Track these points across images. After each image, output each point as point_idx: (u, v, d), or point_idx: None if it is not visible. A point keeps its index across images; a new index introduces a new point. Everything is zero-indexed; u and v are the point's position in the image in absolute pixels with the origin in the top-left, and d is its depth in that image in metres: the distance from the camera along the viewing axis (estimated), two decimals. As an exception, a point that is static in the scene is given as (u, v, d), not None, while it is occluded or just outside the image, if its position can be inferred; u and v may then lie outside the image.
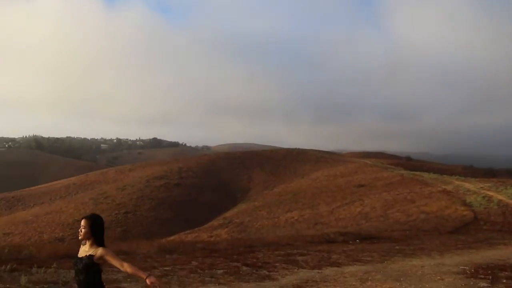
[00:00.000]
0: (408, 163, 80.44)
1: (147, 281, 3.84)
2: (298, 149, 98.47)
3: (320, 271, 10.16)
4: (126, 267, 4.02)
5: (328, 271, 10.13)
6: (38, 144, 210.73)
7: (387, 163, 74.43)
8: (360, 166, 66.49)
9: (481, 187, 34.03)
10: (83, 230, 3.98)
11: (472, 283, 8.58)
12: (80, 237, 4.00)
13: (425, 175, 47.78)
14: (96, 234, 4.02)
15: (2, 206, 64.72)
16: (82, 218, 4.06)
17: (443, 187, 36.23)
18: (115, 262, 4.03)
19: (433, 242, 16.38)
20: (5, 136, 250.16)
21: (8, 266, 8.26)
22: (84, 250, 4.00)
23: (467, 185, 36.21)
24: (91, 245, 4.00)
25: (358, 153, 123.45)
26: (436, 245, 15.26)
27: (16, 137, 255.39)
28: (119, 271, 8.92)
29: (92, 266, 3.95)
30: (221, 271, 9.76)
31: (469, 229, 21.31)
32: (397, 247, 14.64)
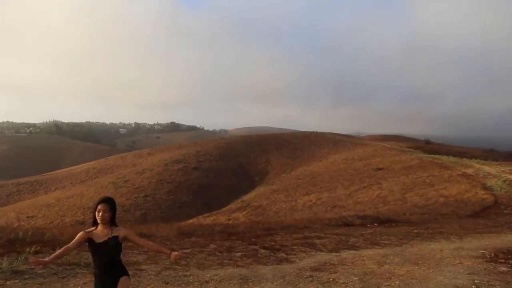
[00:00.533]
0: (427, 146, 79.53)
1: (172, 256, 3.96)
2: (316, 132, 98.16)
3: (337, 254, 10.18)
4: (150, 245, 4.14)
5: (346, 254, 10.15)
6: (58, 129, 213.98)
7: (405, 146, 73.72)
8: (378, 149, 66.02)
9: (502, 171, 33.50)
10: (104, 214, 4.03)
11: (491, 267, 8.51)
12: (100, 221, 4.03)
13: (445, 158, 47.22)
14: (114, 216, 4.15)
15: (25, 190, 66.10)
16: (99, 203, 4.10)
17: (463, 170, 35.78)
18: (138, 240, 4.21)
19: (452, 226, 16.24)
20: (26, 122, 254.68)
21: (33, 248, 8.48)
22: (103, 232, 4.05)
23: (487, 168, 35.68)
24: (109, 227, 4.08)
25: (376, 136, 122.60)
26: (455, 229, 15.13)
27: (37, 122, 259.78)
28: (139, 253, 9.11)
29: (117, 246, 4.07)
30: (239, 253, 9.85)
31: (489, 213, 21.03)
32: (415, 231, 14.57)
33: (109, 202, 4.09)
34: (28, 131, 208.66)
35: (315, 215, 29.21)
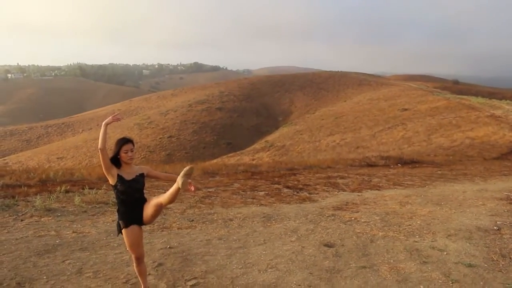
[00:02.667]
0: (455, 86, 77.47)
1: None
2: (341, 71, 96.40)
3: (360, 194, 10.26)
4: (169, 176, 4.35)
5: (368, 194, 10.21)
6: (82, 72, 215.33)
7: (432, 87, 71.98)
8: (404, 89, 64.64)
9: (533, 112, 32.58)
10: (131, 153, 4.06)
11: (515, 208, 8.46)
12: (129, 161, 4.05)
13: (473, 99, 45.99)
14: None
15: (54, 132, 67.73)
16: (125, 143, 4.08)
17: (491, 111, 34.88)
18: (158, 174, 4.36)
19: (477, 167, 16.08)
20: (51, 65, 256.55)
21: (63, 188, 8.79)
22: (129, 171, 4.08)
23: (517, 109, 34.71)
24: (132, 165, 4.14)
25: (403, 75, 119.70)
26: (480, 171, 14.99)
27: (62, 65, 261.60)
28: (164, 192, 9.36)
29: (144, 183, 4.18)
30: (263, 192, 10.01)
31: (516, 156, 20.68)
32: (439, 172, 14.50)
33: (132, 141, 4.12)
34: (53, 74, 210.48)
35: (338, 156, 29.26)
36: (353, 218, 7.51)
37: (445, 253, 5.76)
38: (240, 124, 62.87)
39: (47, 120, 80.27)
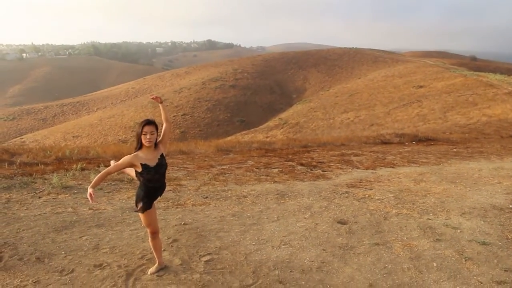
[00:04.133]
0: (472, 63, 76.14)
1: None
2: (355, 48, 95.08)
3: (374, 171, 10.22)
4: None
5: (382, 171, 10.17)
6: (96, 50, 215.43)
7: (449, 63, 70.80)
8: (420, 66, 63.67)
9: (553, 89, 31.94)
10: (152, 135, 3.90)
11: (531, 186, 8.38)
12: (148, 144, 3.89)
13: (491, 76, 45.16)
14: (157, 136, 4.03)
15: (69, 111, 68.34)
16: (146, 124, 3.88)
17: (510, 89, 34.25)
18: (166, 139, 4.25)
19: (493, 145, 15.88)
20: (64, 43, 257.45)
21: (79, 165, 8.91)
22: (153, 155, 3.98)
23: (536, 85, 34.05)
24: (153, 147, 3.99)
25: (419, 52, 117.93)
26: (496, 149, 14.81)
27: (75, 44, 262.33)
28: (179, 169, 9.44)
29: (167, 164, 4.15)
30: (276, 170, 10.02)
31: (534, 134, 20.34)
32: (454, 150, 14.36)
33: (154, 123, 3.93)
34: (67, 53, 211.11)
35: (352, 133, 29.15)
36: (366, 196, 7.52)
37: (459, 231, 5.75)
38: (253, 101, 62.78)
39: (62, 99, 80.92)
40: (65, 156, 10.25)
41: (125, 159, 3.90)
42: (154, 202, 4.20)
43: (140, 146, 3.94)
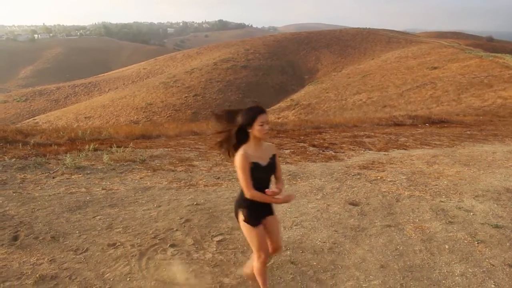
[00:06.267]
0: (488, 44, 74.81)
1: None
2: (369, 28, 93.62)
3: (386, 153, 10.17)
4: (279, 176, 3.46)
5: (395, 153, 10.12)
6: (107, 31, 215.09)
7: (464, 44, 69.60)
8: (434, 47, 62.66)
9: None
10: (267, 125, 3.18)
11: (547, 169, 8.28)
12: (265, 136, 3.15)
13: (507, 57, 44.31)
14: None
15: (81, 92, 68.56)
16: (261, 112, 3.16)
17: (526, 70, 33.66)
18: (278, 165, 3.40)
19: (508, 128, 15.66)
20: (76, 24, 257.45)
21: (92, 146, 8.98)
22: (260, 153, 3.21)
23: (554, 67, 33.40)
24: (262, 142, 3.26)
25: (433, 33, 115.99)
26: (511, 132, 14.63)
27: (86, 24, 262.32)
28: (190, 150, 9.47)
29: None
30: (288, 151, 10.01)
31: (550, 116, 20.02)
32: (468, 132, 14.20)
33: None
34: (78, 33, 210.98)
35: (365, 114, 28.94)
36: (379, 177, 7.49)
37: (471, 213, 5.72)
38: (265, 82, 62.47)
39: (74, 80, 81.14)
40: (78, 137, 10.32)
41: (243, 163, 3.13)
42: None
43: (240, 140, 3.21)
